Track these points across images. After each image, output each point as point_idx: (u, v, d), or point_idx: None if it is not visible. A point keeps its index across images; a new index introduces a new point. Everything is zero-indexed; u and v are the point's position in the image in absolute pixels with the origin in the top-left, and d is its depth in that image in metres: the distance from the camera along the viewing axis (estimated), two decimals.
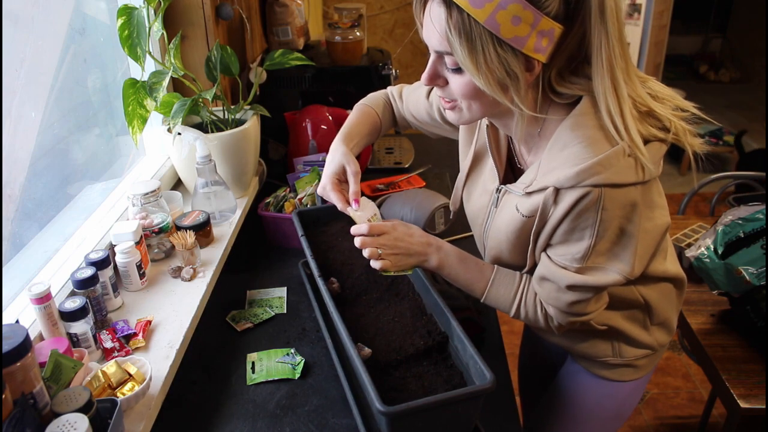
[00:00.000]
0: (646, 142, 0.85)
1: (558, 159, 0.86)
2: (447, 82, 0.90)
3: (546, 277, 0.93)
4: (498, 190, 1.00)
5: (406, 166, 1.96)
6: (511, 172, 1.04)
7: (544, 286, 0.95)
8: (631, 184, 0.83)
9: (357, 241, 1.01)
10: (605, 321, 1.05)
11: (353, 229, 1.02)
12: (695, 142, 0.89)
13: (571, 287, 0.90)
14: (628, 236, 0.87)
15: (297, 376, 1.13)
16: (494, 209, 1.01)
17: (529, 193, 0.90)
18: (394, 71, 1.88)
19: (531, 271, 1.00)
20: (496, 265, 1.02)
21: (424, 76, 0.90)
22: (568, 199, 0.84)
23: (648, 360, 1.12)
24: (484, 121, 1.02)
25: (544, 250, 0.94)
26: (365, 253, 1.00)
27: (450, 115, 0.95)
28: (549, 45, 0.81)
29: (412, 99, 1.24)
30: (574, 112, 0.87)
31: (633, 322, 1.07)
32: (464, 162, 1.11)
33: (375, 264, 1.00)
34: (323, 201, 1.53)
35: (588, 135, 0.84)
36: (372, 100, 1.28)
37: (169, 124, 1.36)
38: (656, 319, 1.08)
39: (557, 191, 0.86)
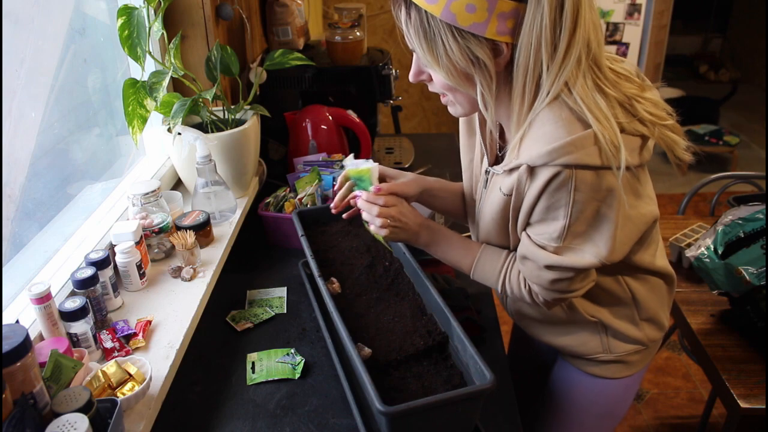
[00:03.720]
0: (621, 130, 0.85)
1: (533, 137, 0.87)
2: (431, 78, 0.93)
3: (526, 256, 0.95)
4: (487, 172, 1.02)
5: (406, 166, 1.96)
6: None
7: (526, 264, 0.96)
8: (603, 167, 0.83)
9: (373, 209, 1.02)
10: (594, 313, 1.06)
11: (367, 196, 1.04)
12: (680, 144, 0.90)
13: (550, 267, 0.91)
14: (605, 220, 0.87)
15: (297, 376, 1.13)
16: (484, 191, 1.03)
17: (509, 171, 0.91)
18: (394, 71, 1.88)
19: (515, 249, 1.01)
20: (484, 244, 1.05)
21: (411, 73, 0.94)
22: (541, 177, 0.85)
23: (640, 356, 1.13)
24: None
25: (525, 229, 0.95)
26: (378, 222, 1.02)
27: (450, 110, 0.98)
28: (519, 26, 0.82)
29: None
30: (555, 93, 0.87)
31: (621, 317, 1.08)
32: (467, 150, 1.12)
33: (377, 229, 1.03)
34: (323, 200, 1.53)
35: (564, 116, 0.84)
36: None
37: (169, 124, 1.36)
38: (644, 314, 1.09)
39: (531, 169, 0.86)
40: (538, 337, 1.17)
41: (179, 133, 1.37)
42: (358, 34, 1.89)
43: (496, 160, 1.04)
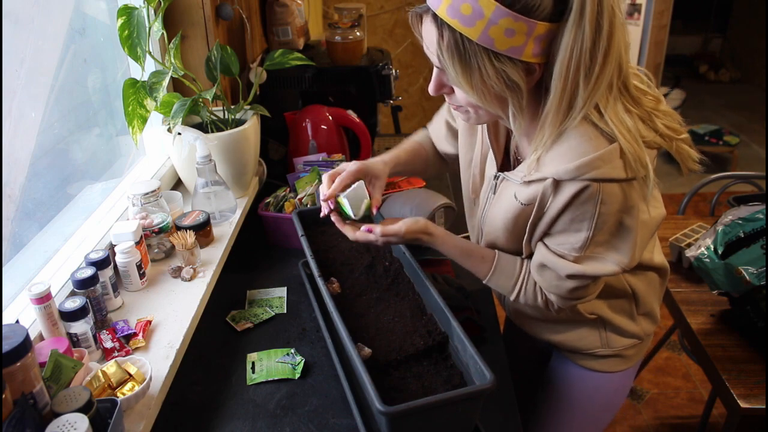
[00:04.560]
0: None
1: (558, 150, 0.87)
2: (453, 90, 0.92)
3: (545, 265, 0.95)
4: (496, 177, 1.01)
5: None
6: (507, 160, 1.06)
7: (544, 275, 0.97)
8: (628, 179, 0.85)
9: (360, 237, 1.05)
10: (593, 310, 1.07)
11: (363, 236, 1.05)
12: (693, 156, 0.92)
13: (571, 276, 0.92)
14: (627, 229, 0.89)
15: (297, 376, 1.13)
16: (492, 196, 1.03)
17: (528, 182, 0.91)
18: (394, 71, 1.88)
19: (529, 257, 1.02)
20: (496, 253, 1.03)
21: (431, 86, 0.92)
22: (567, 191, 0.86)
23: (636, 350, 1.15)
24: None
25: (541, 239, 0.95)
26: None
27: (460, 116, 0.96)
28: (551, 45, 0.82)
29: (435, 126, 1.26)
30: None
31: (620, 312, 1.09)
32: (467, 149, 1.12)
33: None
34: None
35: (589, 132, 0.85)
36: (418, 135, 1.31)
37: (169, 124, 1.36)
38: (642, 308, 1.10)
39: (557, 183, 0.87)
40: (535, 334, 1.17)
41: (179, 133, 1.37)
42: (358, 34, 1.89)
43: (503, 165, 1.04)
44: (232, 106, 1.51)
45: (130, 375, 0.95)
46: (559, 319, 1.10)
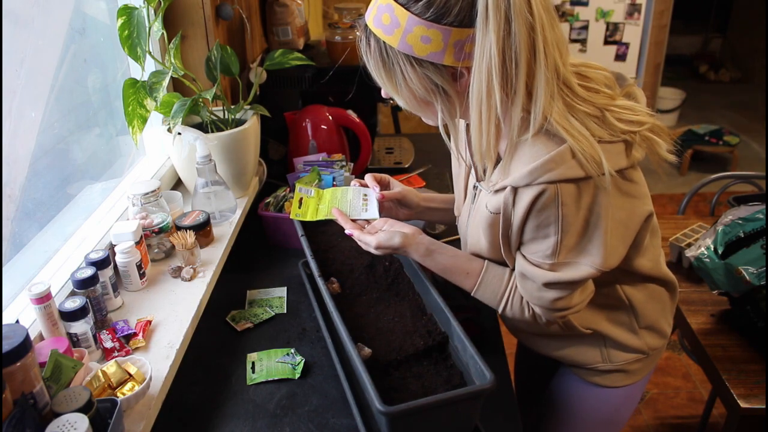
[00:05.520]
0: (600, 140, 0.85)
1: (516, 158, 0.87)
2: None
3: (525, 275, 0.94)
4: (475, 188, 1.02)
5: (406, 166, 1.96)
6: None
7: (525, 285, 0.96)
8: (586, 178, 0.83)
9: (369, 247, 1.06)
10: (590, 325, 1.05)
11: (359, 235, 1.07)
12: (662, 144, 0.89)
13: (548, 285, 0.91)
14: (595, 229, 0.87)
15: (297, 376, 1.13)
16: (472, 206, 1.03)
17: (495, 192, 0.91)
18: None
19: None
20: (484, 265, 1.02)
21: (383, 91, 0.96)
22: (525, 197, 0.85)
23: (641, 364, 1.11)
24: (463, 122, 1.02)
25: (519, 249, 0.95)
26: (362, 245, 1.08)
27: (425, 121, 1.00)
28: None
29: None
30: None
31: (619, 325, 1.06)
32: (457, 163, 1.12)
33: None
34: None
35: (539, 135, 0.85)
36: None
37: (169, 124, 1.36)
38: (643, 321, 1.07)
39: (515, 190, 0.87)
40: (536, 349, 1.15)
41: (179, 133, 1.37)
42: (358, 34, 1.89)
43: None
44: (232, 106, 1.51)
45: (130, 375, 0.95)
46: (557, 334, 1.08)
